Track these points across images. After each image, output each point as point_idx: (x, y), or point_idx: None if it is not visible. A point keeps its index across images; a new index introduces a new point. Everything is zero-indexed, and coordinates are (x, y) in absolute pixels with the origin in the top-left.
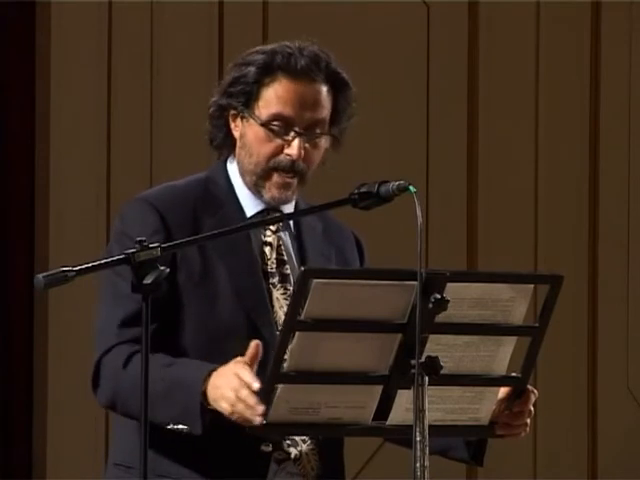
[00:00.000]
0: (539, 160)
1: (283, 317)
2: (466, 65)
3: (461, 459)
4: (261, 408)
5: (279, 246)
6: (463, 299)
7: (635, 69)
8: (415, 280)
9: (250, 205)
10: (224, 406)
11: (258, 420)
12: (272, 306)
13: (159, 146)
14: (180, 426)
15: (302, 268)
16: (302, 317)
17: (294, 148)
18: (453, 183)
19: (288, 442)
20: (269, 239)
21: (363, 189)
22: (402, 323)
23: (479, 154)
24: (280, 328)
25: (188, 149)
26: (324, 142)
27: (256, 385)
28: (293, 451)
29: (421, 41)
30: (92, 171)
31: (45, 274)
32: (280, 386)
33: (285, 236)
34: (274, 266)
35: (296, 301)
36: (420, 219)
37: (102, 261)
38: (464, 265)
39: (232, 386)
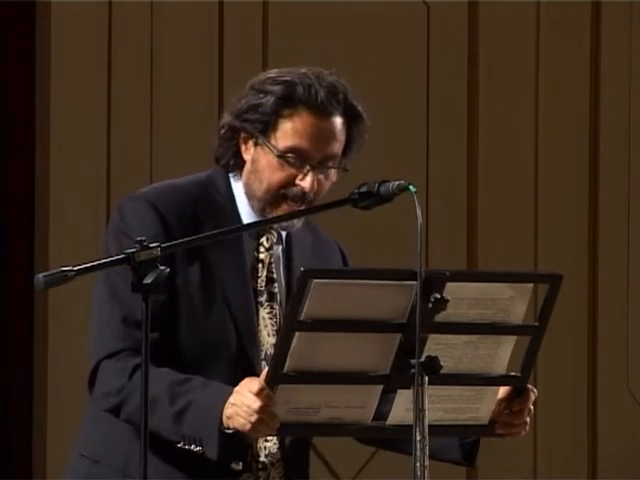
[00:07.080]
0: (539, 160)
1: (267, 337)
2: (466, 65)
3: (453, 461)
4: (277, 422)
5: (270, 264)
6: (463, 299)
7: (635, 69)
8: (415, 280)
9: (247, 218)
10: (241, 422)
11: (274, 433)
12: (258, 324)
13: (159, 146)
14: (193, 447)
15: (302, 268)
16: (302, 317)
17: (307, 182)
18: (453, 183)
19: (259, 466)
20: (262, 256)
21: (363, 189)
22: (402, 323)
23: (479, 154)
24: (262, 348)
25: (188, 149)
26: (334, 173)
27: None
28: (262, 475)
29: (421, 41)
30: (92, 170)
31: (45, 274)
32: (280, 386)
33: (278, 251)
34: (263, 284)
35: (296, 301)
36: (420, 219)
37: (102, 261)
38: (464, 265)
39: (248, 403)
